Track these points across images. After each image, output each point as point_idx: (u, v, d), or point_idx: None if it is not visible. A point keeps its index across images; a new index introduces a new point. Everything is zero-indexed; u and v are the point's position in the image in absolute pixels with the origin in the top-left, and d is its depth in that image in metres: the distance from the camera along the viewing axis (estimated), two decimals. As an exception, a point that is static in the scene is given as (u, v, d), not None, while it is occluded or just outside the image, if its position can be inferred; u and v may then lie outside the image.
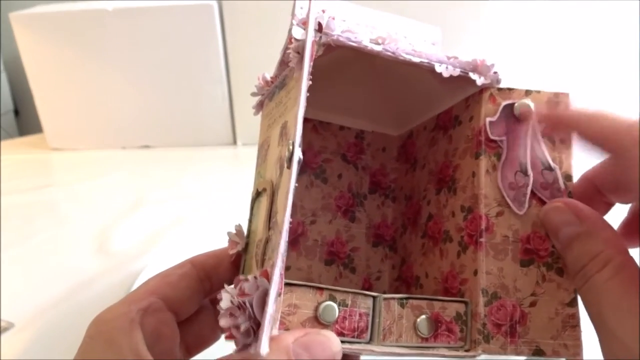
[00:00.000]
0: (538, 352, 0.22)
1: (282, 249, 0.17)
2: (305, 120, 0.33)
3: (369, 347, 0.21)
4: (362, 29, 0.23)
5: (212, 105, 0.78)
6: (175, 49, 0.75)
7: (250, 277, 0.17)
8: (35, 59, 0.78)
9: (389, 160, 0.34)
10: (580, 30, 0.82)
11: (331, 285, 0.21)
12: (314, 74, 0.22)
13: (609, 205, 0.24)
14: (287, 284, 0.20)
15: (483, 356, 0.22)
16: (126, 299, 0.22)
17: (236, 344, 0.17)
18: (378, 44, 0.23)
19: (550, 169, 0.24)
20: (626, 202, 0.24)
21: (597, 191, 0.24)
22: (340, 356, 0.19)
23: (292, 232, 0.31)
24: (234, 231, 0.23)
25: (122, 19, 0.74)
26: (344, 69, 0.29)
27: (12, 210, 0.59)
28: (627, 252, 0.20)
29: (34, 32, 0.76)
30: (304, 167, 0.32)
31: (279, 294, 0.18)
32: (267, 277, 0.17)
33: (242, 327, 0.16)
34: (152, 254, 0.48)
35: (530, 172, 0.24)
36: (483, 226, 0.23)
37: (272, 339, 0.17)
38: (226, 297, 0.17)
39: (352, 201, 0.33)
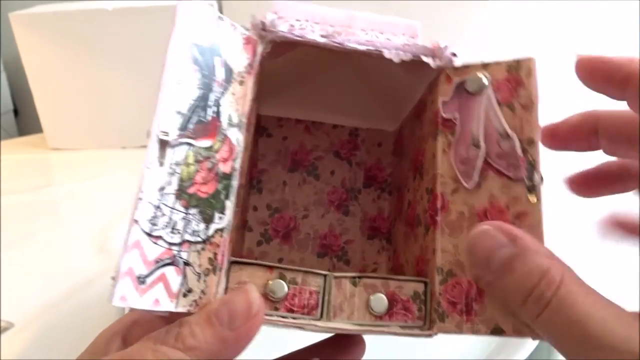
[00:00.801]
0: (497, 330, 0.21)
1: (175, 221, 0.19)
2: (298, 121, 0.34)
3: (312, 322, 0.21)
4: (322, 26, 0.24)
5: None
6: (175, 49, 0.75)
7: None
8: (35, 58, 0.78)
9: (385, 155, 0.34)
10: (580, 30, 0.82)
11: (287, 265, 0.21)
12: (297, 76, 0.23)
13: (591, 149, 0.23)
14: (237, 262, 0.21)
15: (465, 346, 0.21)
16: (123, 316, 0.24)
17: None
18: (327, 37, 0.23)
19: (507, 137, 0.22)
20: (617, 156, 0.23)
21: (593, 132, 0.23)
22: (258, 303, 0.19)
23: (284, 226, 0.32)
24: None
25: (122, 19, 0.74)
26: (326, 70, 0.30)
27: (12, 210, 0.59)
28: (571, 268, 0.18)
29: (33, 32, 0.76)
30: (296, 165, 0.34)
31: (219, 269, 0.20)
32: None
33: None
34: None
35: (482, 144, 0.23)
36: (439, 205, 0.23)
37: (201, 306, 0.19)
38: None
39: (345, 196, 0.33)
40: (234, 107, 0.22)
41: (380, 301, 0.22)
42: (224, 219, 0.21)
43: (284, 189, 0.33)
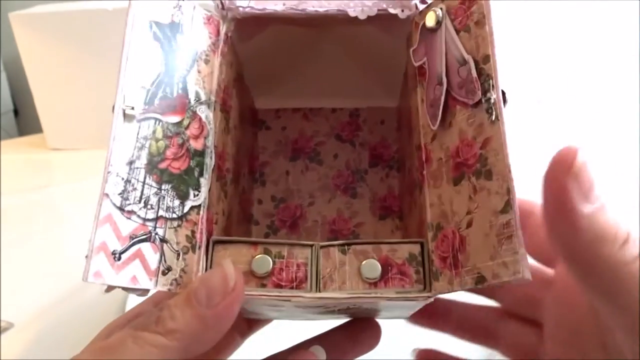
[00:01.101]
0: (480, 279, 0.18)
1: (148, 196, 0.19)
2: (295, 110, 0.34)
3: (300, 293, 0.20)
4: (283, 1, 0.24)
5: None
6: (175, 49, 0.75)
7: None
8: (35, 58, 0.78)
9: (389, 131, 0.33)
10: (580, 30, 0.82)
11: (271, 240, 0.21)
12: (285, 65, 0.23)
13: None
14: (221, 242, 0.21)
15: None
16: (127, 311, 0.24)
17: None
18: (285, 5, 0.23)
19: (464, 62, 0.20)
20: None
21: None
22: (233, 278, 0.18)
23: (290, 215, 0.32)
24: None
25: (122, 19, 0.74)
26: (310, 52, 0.29)
27: (12, 210, 0.59)
28: None
29: (33, 32, 0.76)
30: (297, 153, 0.33)
31: (198, 247, 0.20)
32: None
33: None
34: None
35: (444, 80, 0.21)
36: (424, 158, 0.22)
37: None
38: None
39: (351, 178, 0.33)
40: (200, 84, 0.22)
41: (372, 267, 0.20)
42: (200, 196, 0.21)
43: (287, 178, 0.33)
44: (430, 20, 0.22)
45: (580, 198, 0.15)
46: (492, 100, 0.19)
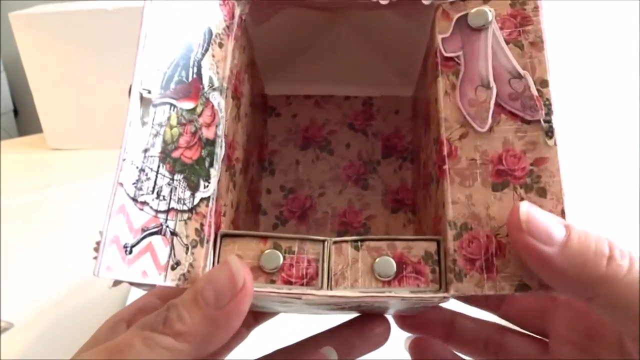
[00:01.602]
0: (522, 287, 0.19)
1: (161, 186, 0.18)
2: (307, 97, 0.33)
3: (310, 290, 0.19)
4: None
5: (212, 105, 0.78)
6: (175, 49, 0.75)
7: None
8: (35, 58, 0.78)
9: (404, 122, 0.32)
10: (580, 30, 0.81)
11: (282, 234, 0.20)
12: (297, 50, 0.21)
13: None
14: (230, 235, 0.20)
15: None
16: (130, 303, 0.23)
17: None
18: None
19: (519, 76, 0.21)
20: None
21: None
22: (241, 276, 0.17)
23: (299, 206, 0.31)
24: None
25: (122, 19, 0.74)
26: (327, 35, 0.28)
27: (12, 211, 0.59)
28: None
29: (33, 32, 0.76)
30: (308, 142, 0.32)
31: (206, 241, 0.19)
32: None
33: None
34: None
35: (492, 84, 0.21)
36: (445, 152, 0.21)
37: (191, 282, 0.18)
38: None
39: (363, 169, 0.32)
40: (214, 69, 0.21)
41: (386, 265, 0.19)
42: (210, 188, 0.20)
43: (297, 168, 0.32)
44: (476, 21, 0.22)
45: (544, 245, 0.17)
46: (553, 124, 0.20)
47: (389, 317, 0.25)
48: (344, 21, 0.26)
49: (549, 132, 0.20)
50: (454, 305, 0.23)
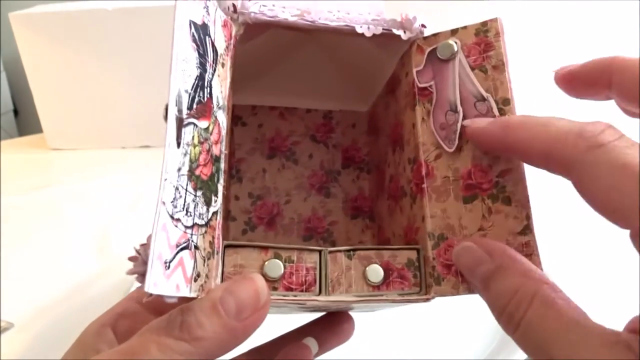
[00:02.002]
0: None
1: (187, 203, 0.18)
2: (272, 108, 0.34)
3: (312, 296, 0.21)
4: (290, 7, 0.24)
5: (212, 105, 0.78)
6: (175, 49, 0.75)
7: None
8: (35, 59, 0.78)
9: (360, 135, 0.35)
10: (580, 30, 0.82)
11: (281, 244, 0.21)
12: (267, 62, 0.22)
13: (608, 99, 0.22)
14: (232, 246, 0.21)
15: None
16: (109, 309, 0.24)
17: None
18: (297, 15, 0.24)
19: (482, 99, 0.23)
20: (629, 115, 0.22)
21: (607, 84, 0.21)
22: (265, 294, 0.18)
23: (267, 213, 0.33)
24: None
25: (122, 19, 0.74)
26: (296, 54, 0.30)
27: (12, 211, 0.59)
28: (549, 279, 0.18)
29: (33, 32, 0.76)
30: (274, 152, 0.34)
31: (216, 252, 0.20)
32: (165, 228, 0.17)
33: (140, 273, 0.17)
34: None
35: (459, 108, 0.23)
36: (424, 172, 0.24)
37: (207, 291, 0.18)
38: (133, 250, 0.18)
39: (325, 178, 0.34)
40: (219, 89, 0.22)
41: (375, 271, 0.22)
42: (218, 202, 0.21)
43: (264, 176, 0.33)
44: (444, 53, 0.24)
45: (478, 275, 0.20)
46: None
47: (352, 314, 0.28)
48: (315, 42, 0.28)
49: None
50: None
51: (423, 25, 0.25)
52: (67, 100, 0.80)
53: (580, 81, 0.21)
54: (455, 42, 0.24)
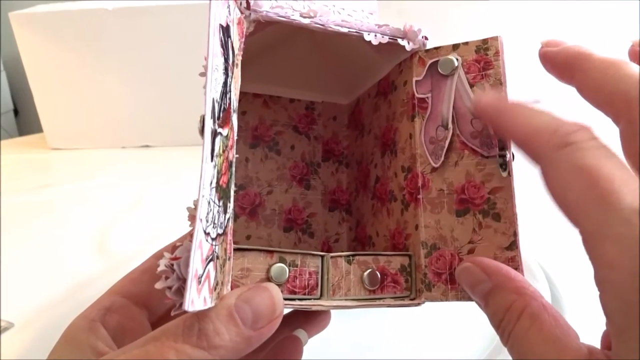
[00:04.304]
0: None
1: (214, 214, 0.18)
2: (255, 95, 0.34)
3: (317, 302, 0.22)
4: (297, 6, 0.24)
5: (212, 105, 0.78)
6: (176, 49, 0.75)
7: (185, 242, 0.18)
8: (35, 58, 0.78)
9: (340, 128, 0.35)
10: (581, 30, 0.81)
11: (285, 249, 0.22)
12: (256, 50, 0.23)
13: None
14: (239, 249, 0.21)
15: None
16: (92, 304, 0.23)
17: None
18: (309, 17, 0.24)
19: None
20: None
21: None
22: (281, 305, 0.19)
23: (250, 203, 0.33)
24: (192, 206, 0.24)
25: (122, 19, 0.74)
26: (287, 44, 0.30)
27: (12, 210, 0.59)
28: (541, 297, 0.19)
29: (33, 32, 0.76)
30: (257, 140, 0.34)
31: (228, 258, 0.20)
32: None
33: (174, 288, 0.17)
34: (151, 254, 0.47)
35: (450, 126, 0.24)
36: (420, 183, 0.25)
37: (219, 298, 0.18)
38: (162, 262, 0.17)
39: (306, 170, 0.34)
40: (234, 92, 0.21)
41: (372, 276, 0.23)
42: (230, 207, 0.20)
43: (246, 165, 0.33)
44: (444, 68, 0.25)
45: (477, 293, 0.21)
46: (507, 158, 0.23)
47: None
48: (309, 34, 0.28)
49: (503, 165, 0.23)
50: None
51: (425, 38, 0.25)
52: (67, 100, 0.80)
53: (551, 65, 0.22)
54: (457, 59, 0.24)
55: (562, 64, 0.21)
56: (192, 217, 0.23)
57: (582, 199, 0.16)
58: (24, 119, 1.60)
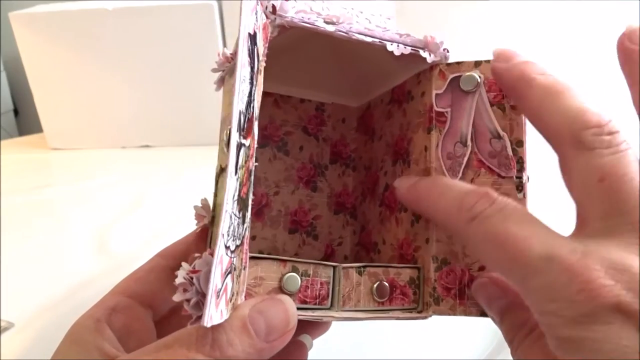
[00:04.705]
0: (485, 313, 0.23)
1: (234, 227, 0.18)
2: (266, 94, 0.34)
3: (328, 313, 0.22)
4: (316, 7, 0.24)
5: (212, 105, 0.78)
6: (175, 49, 0.75)
7: (203, 254, 0.18)
8: (35, 58, 0.78)
9: (349, 131, 0.35)
10: (581, 30, 0.81)
11: (294, 256, 0.22)
12: (274, 51, 0.22)
13: None
14: (252, 258, 0.21)
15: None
16: (96, 303, 0.23)
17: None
18: (332, 23, 0.23)
19: (498, 137, 0.24)
20: None
21: None
22: (295, 318, 0.19)
23: (257, 203, 0.33)
24: (200, 205, 0.23)
25: (122, 19, 0.74)
26: (301, 44, 0.30)
27: (12, 210, 0.59)
28: None
29: (33, 32, 0.76)
30: (266, 140, 0.34)
31: (243, 268, 0.19)
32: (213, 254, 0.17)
33: (192, 301, 0.17)
34: (152, 254, 0.47)
35: (469, 143, 0.24)
36: None
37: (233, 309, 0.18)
38: (180, 274, 0.17)
39: (313, 172, 0.34)
40: (257, 99, 0.21)
41: (382, 288, 0.23)
42: (248, 217, 0.20)
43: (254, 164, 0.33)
44: (467, 85, 0.24)
45: (494, 309, 0.22)
46: (523, 180, 0.23)
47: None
48: (326, 39, 0.28)
49: (519, 187, 0.23)
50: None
51: (447, 50, 0.25)
52: (67, 100, 0.80)
53: (499, 83, 0.23)
54: (479, 76, 0.24)
55: (507, 85, 0.22)
56: (199, 217, 0.23)
57: (499, 264, 0.18)
58: (24, 119, 1.60)
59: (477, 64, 0.25)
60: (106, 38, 0.76)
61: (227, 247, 0.17)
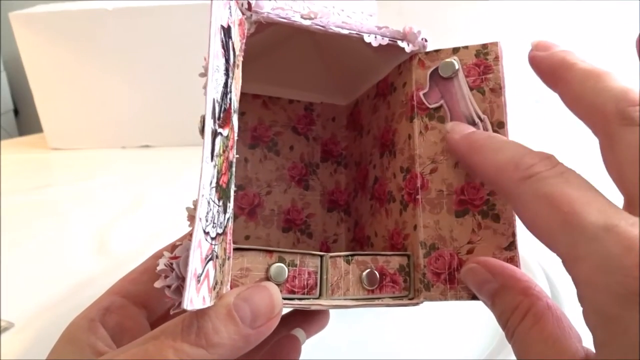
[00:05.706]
0: (476, 296, 0.23)
1: (213, 214, 0.18)
2: (255, 96, 0.34)
3: (316, 301, 0.22)
4: (297, 7, 0.24)
5: (212, 105, 0.78)
6: (175, 49, 0.75)
7: (184, 241, 0.18)
8: (35, 58, 0.78)
9: (339, 129, 0.35)
10: (581, 30, 0.82)
11: (284, 249, 0.22)
12: (256, 51, 0.23)
13: None
14: (238, 249, 0.21)
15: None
16: (91, 304, 0.23)
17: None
18: (309, 18, 0.23)
19: (479, 119, 0.24)
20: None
21: None
22: (280, 304, 0.19)
23: (249, 203, 0.33)
24: (192, 206, 0.24)
25: (122, 19, 0.74)
26: (286, 44, 0.30)
27: (13, 210, 0.59)
28: (547, 297, 0.20)
29: (33, 32, 0.76)
30: (256, 141, 0.34)
31: (227, 258, 0.20)
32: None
33: (173, 287, 0.17)
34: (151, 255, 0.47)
35: (477, 120, 0.24)
36: (419, 184, 0.25)
37: (218, 297, 0.18)
38: (161, 261, 0.17)
39: (305, 170, 0.34)
40: (234, 92, 0.21)
41: (372, 276, 0.23)
42: (230, 207, 0.20)
43: (245, 165, 0.33)
44: (445, 71, 0.25)
45: (484, 293, 0.21)
46: None
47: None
48: (309, 35, 0.28)
49: None
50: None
51: (425, 40, 0.26)
52: (67, 100, 0.80)
53: (537, 71, 0.22)
54: (457, 61, 0.25)
55: (546, 71, 0.22)
56: (191, 217, 0.23)
57: (549, 226, 0.17)
58: (24, 119, 1.60)
59: (455, 50, 0.25)
60: (106, 38, 0.76)
61: (206, 233, 0.17)
